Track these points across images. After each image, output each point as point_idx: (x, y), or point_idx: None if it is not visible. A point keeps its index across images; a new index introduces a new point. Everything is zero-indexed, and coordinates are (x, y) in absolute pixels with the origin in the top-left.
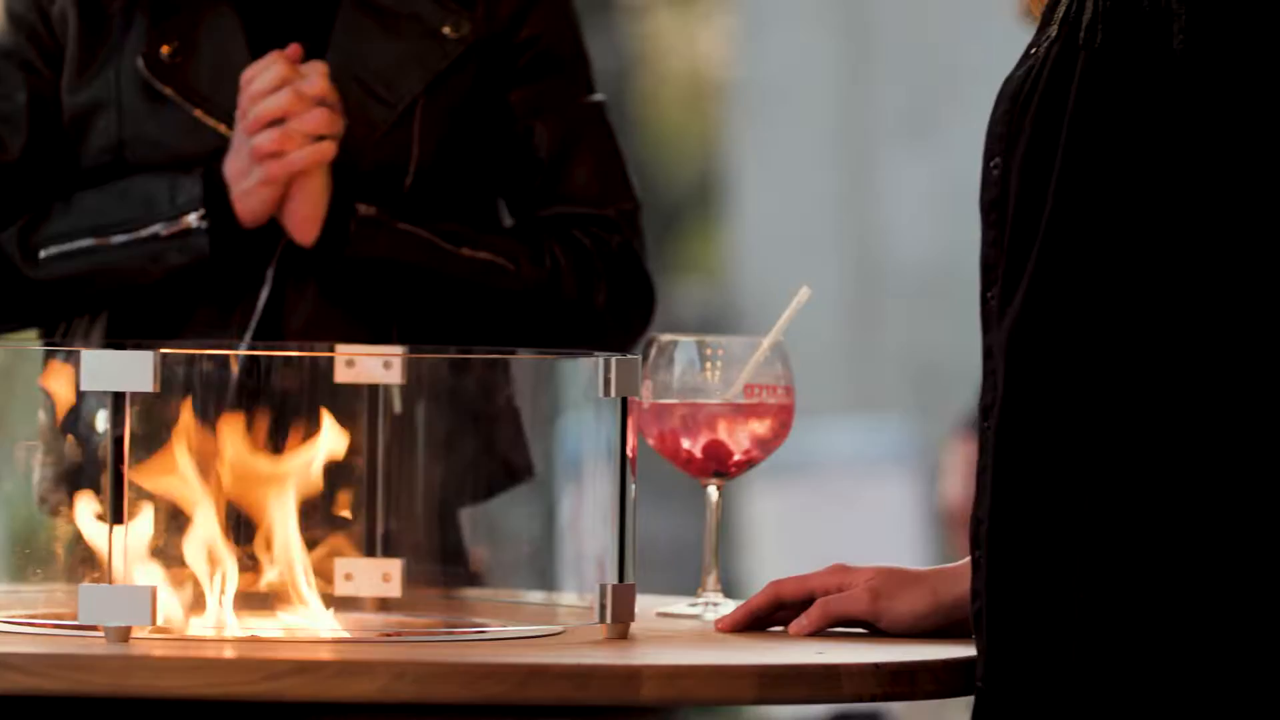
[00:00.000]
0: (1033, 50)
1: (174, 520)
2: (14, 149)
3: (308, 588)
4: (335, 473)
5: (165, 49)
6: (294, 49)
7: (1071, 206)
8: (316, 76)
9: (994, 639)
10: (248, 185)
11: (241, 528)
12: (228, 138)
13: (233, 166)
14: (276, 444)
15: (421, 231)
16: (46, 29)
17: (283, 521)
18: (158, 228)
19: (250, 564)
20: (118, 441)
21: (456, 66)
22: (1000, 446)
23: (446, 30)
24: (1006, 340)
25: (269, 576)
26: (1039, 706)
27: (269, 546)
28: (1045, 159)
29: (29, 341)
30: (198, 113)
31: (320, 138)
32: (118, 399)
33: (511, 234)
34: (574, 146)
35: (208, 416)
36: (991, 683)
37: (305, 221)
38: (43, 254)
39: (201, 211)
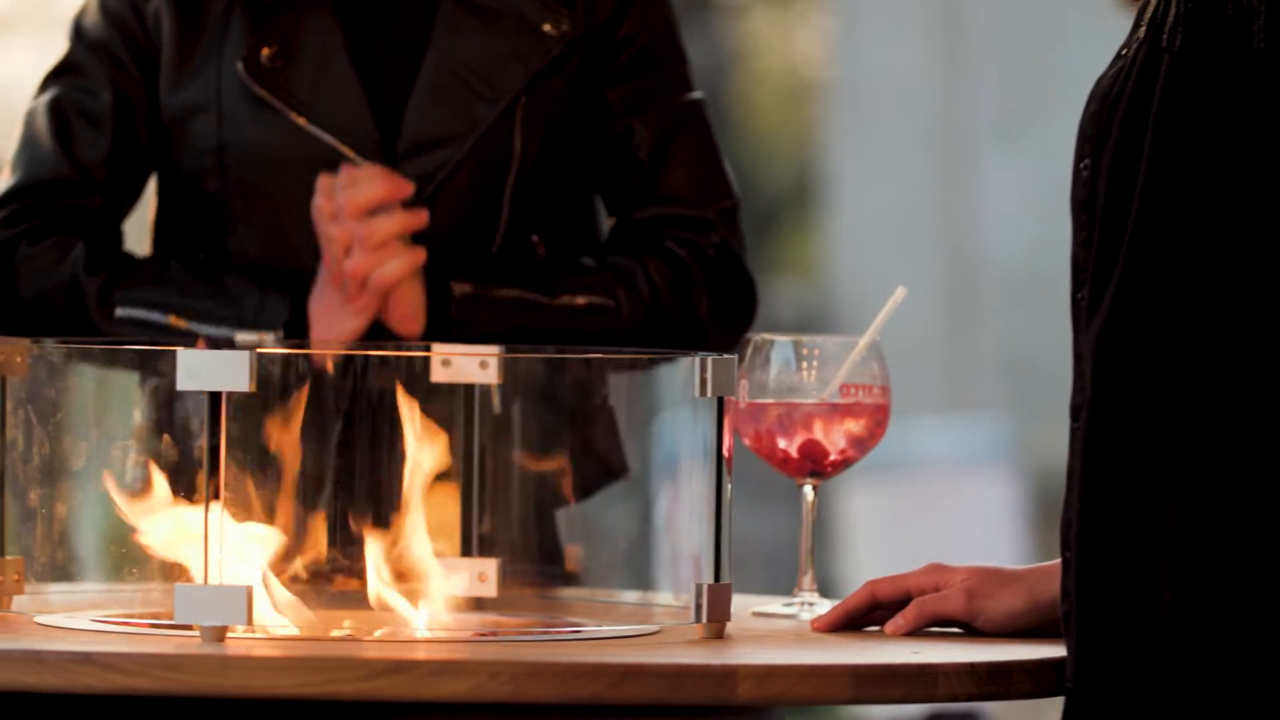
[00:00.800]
0: (1123, 52)
1: (270, 520)
2: (100, 149)
3: (404, 587)
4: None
5: (266, 52)
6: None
7: (1157, 209)
8: (381, 181)
9: (1083, 640)
10: (341, 327)
11: (338, 527)
12: (324, 142)
13: (319, 303)
14: (373, 444)
15: (519, 292)
16: (141, 28)
17: (379, 521)
18: (236, 331)
19: (346, 563)
20: (214, 441)
21: (557, 64)
22: (1089, 448)
23: (547, 27)
24: (1095, 343)
25: (365, 576)
26: (1128, 708)
27: (365, 546)
28: (1132, 161)
29: (128, 340)
30: (297, 118)
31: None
32: (214, 399)
33: (606, 262)
34: (672, 146)
35: (304, 416)
36: (1081, 683)
37: (407, 320)
38: (119, 312)
39: (281, 333)
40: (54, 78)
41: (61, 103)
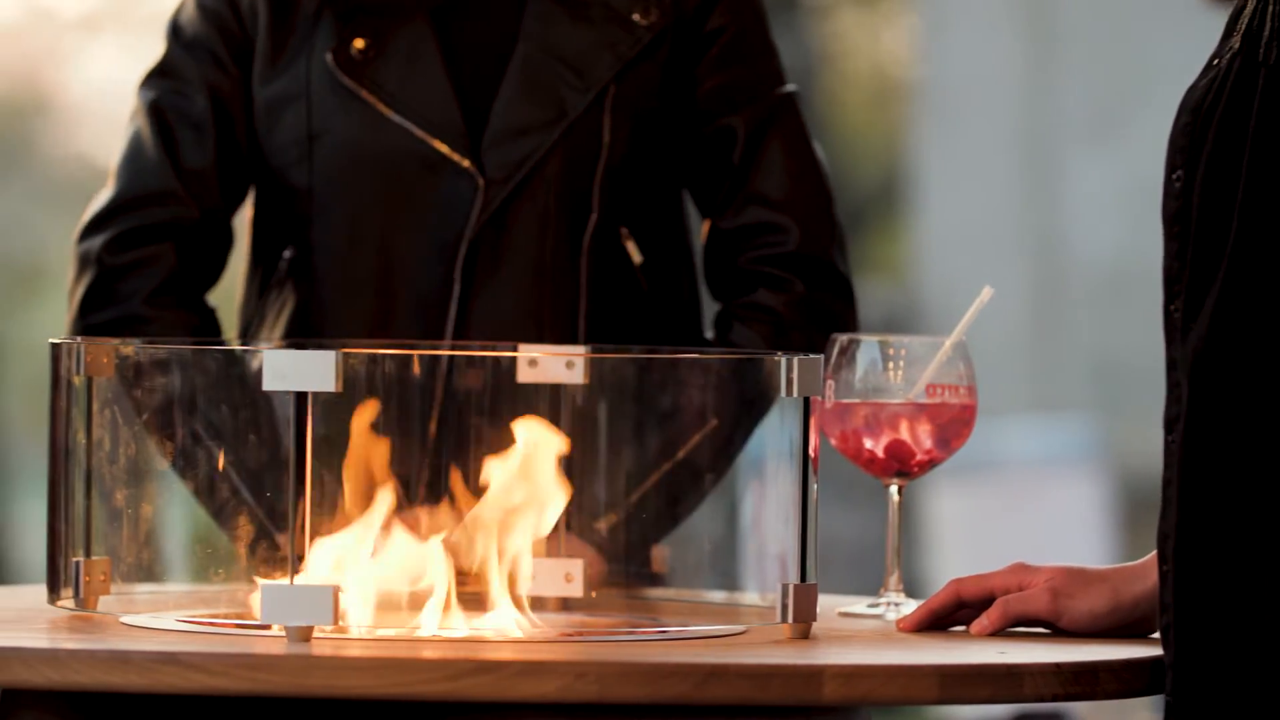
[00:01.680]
0: (1215, 61)
1: (355, 519)
2: (205, 154)
3: (490, 587)
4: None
5: (356, 45)
6: None
7: (1259, 226)
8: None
9: (1182, 653)
10: None
11: (423, 527)
12: (412, 134)
13: None
14: (459, 443)
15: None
16: (238, 22)
17: (465, 521)
18: None
19: (433, 563)
20: (300, 441)
21: (646, 54)
22: (1186, 461)
23: (636, 17)
24: (1192, 357)
25: (450, 576)
26: None
27: (450, 546)
28: (1229, 175)
29: (213, 340)
30: (385, 110)
31: None
32: (300, 399)
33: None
34: (765, 146)
35: (390, 416)
36: (1180, 696)
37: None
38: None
39: None
40: (152, 81)
41: (162, 109)
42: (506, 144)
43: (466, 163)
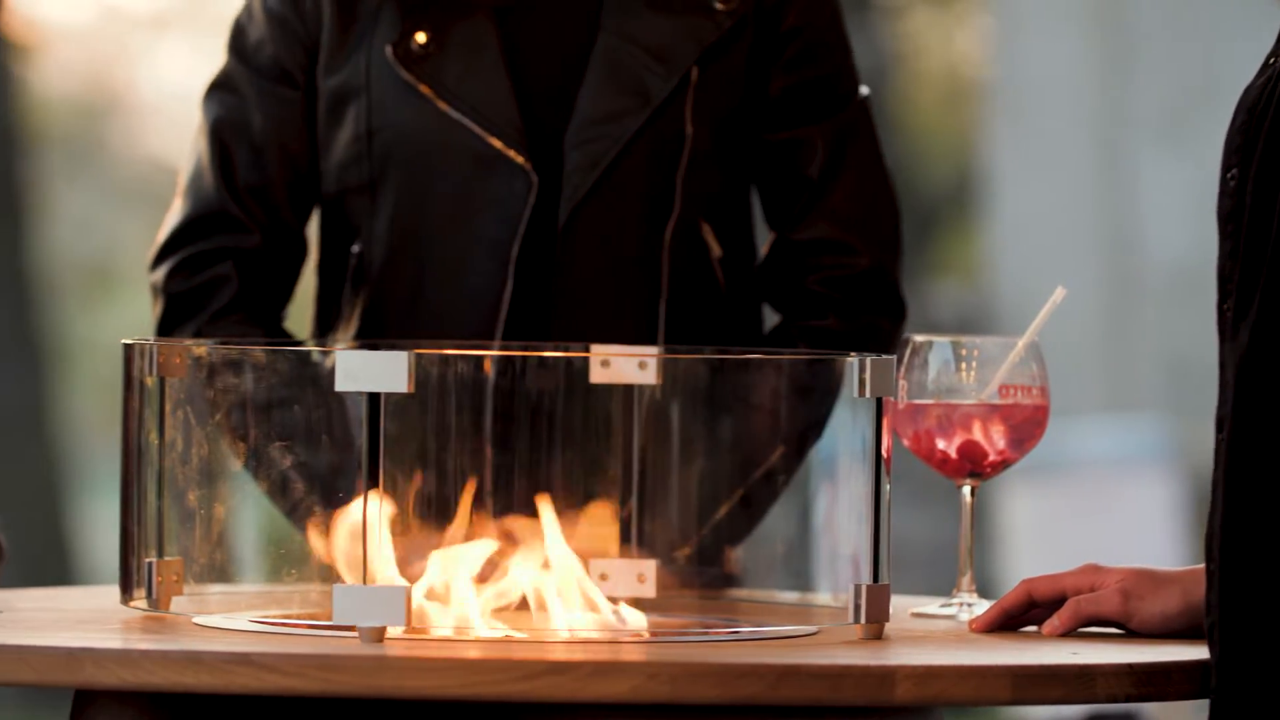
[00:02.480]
0: (1271, 61)
1: (428, 520)
2: (265, 170)
3: (562, 588)
4: (590, 473)
5: (417, 39)
6: None
7: None
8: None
9: (1226, 651)
10: None
11: (496, 528)
12: (470, 130)
13: None
14: (532, 444)
15: None
16: (301, 21)
17: (539, 522)
18: None
19: (504, 564)
20: (373, 442)
21: (728, 40)
22: (1232, 460)
23: (717, 4)
24: (1240, 357)
25: (523, 577)
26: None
27: (524, 548)
28: (1277, 174)
29: (285, 340)
30: (443, 105)
31: None
32: (373, 399)
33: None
34: (840, 163)
35: (462, 417)
36: (1224, 694)
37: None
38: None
39: None
40: (213, 95)
41: (221, 128)
42: (593, 135)
43: (522, 160)
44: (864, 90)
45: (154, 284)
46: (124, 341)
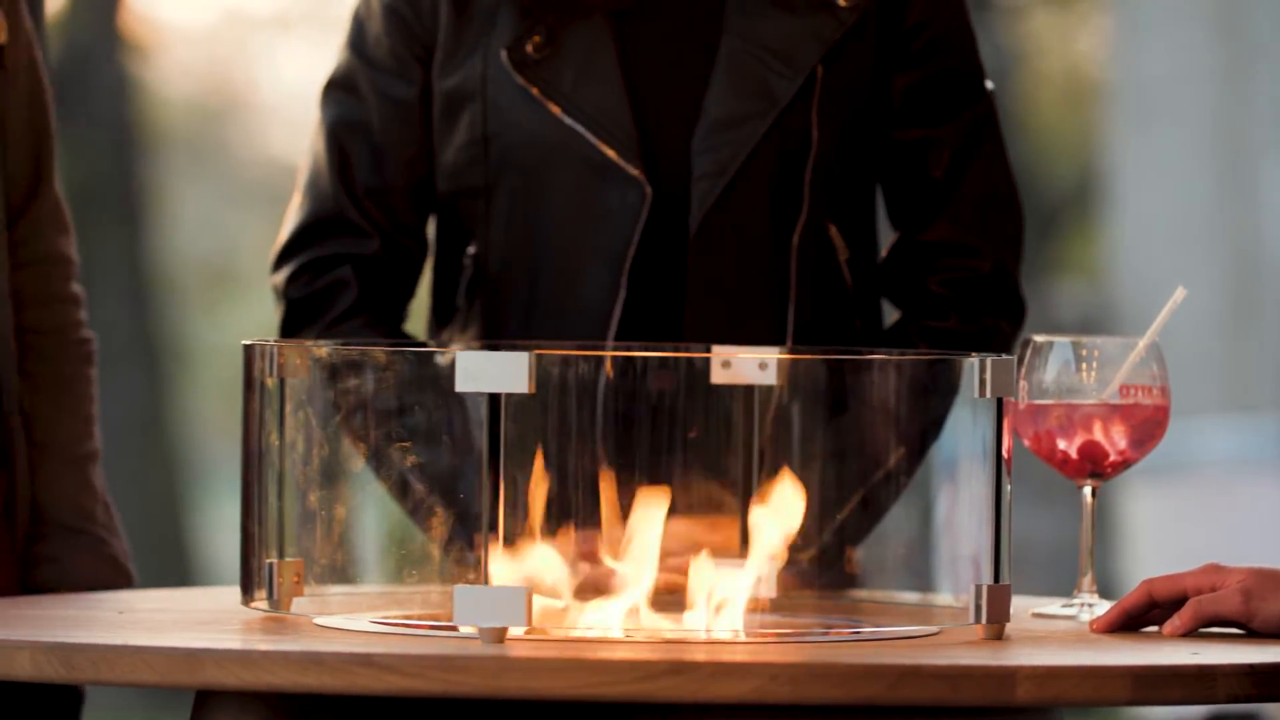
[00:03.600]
0: None
1: (549, 521)
2: (383, 171)
3: (682, 588)
4: (711, 473)
5: (534, 41)
6: None
7: None
8: None
9: None
10: None
11: (617, 528)
12: (583, 137)
13: None
14: (652, 445)
15: None
16: (418, 20)
17: (659, 523)
18: None
19: (625, 565)
20: (493, 442)
21: (851, 37)
22: None
23: (841, 1)
24: None
25: (645, 578)
26: None
27: (645, 548)
28: None
29: (406, 341)
30: (557, 112)
31: None
32: (493, 400)
33: None
34: (968, 164)
35: (582, 418)
36: None
37: None
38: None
39: None
40: (331, 94)
41: (339, 128)
42: (721, 139)
43: (636, 171)
44: (989, 84)
45: (274, 289)
46: (244, 343)
